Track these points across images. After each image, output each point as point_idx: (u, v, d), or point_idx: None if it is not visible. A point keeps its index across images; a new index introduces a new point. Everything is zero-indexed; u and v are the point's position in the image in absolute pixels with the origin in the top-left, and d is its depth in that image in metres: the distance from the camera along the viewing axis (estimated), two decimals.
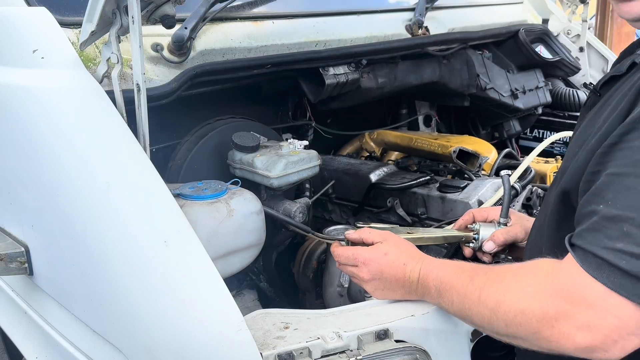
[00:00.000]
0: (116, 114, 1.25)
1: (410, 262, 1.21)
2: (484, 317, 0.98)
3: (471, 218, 1.45)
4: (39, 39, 1.32)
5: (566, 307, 0.85)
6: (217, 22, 1.74)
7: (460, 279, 1.06)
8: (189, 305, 1.09)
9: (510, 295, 0.93)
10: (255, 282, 1.90)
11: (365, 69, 2.11)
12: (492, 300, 0.96)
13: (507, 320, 0.94)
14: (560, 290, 0.87)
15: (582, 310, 0.84)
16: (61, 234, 1.27)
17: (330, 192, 2.10)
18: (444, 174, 2.16)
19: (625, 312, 0.81)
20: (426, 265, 1.18)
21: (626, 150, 0.85)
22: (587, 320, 0.84)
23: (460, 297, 1.04)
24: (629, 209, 0.82)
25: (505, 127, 2.66)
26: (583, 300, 0.84)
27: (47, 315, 1.48)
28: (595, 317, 0.83)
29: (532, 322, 0.90)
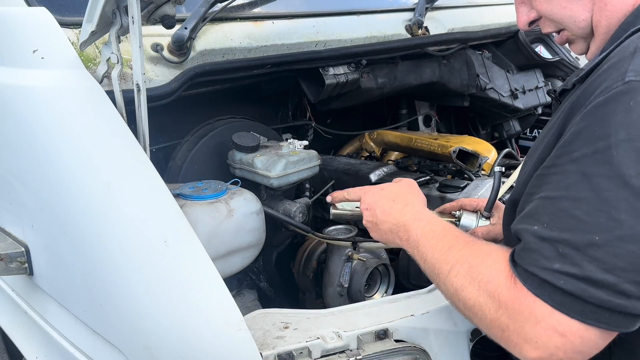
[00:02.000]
0: (116, 114, 1.25)
1: (400, 202, 1.24)
2: (448, 291, 1.03)
3: (459, 205, 1.47)
4: (39, 39, 1.32)
5: (516, 318, 0.89)
6: (217, 22, 1.74)
7: (439, 242, 1.08)
8: (189, 305, 1.09)
9: (474, 285, 0.96)
10: (255, 282, 1.90)
11: (365, 69, 2.11)
12: (459, 281, 0.99)
13: (466, 305, 0.98)
14: (514, 300, 0.90)
15: (530, 325, 0.88)
16: (61, 234, 1.28)
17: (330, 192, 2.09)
18: (444, 174, 2.17)
19: (569, 330, 0.85)
20: (415, 213, 1.20)
21: (559, 175, 0.89)
22: (534, 336, 0.87)
23: (432, 261, 1.07)
24: (563, 231, 0.86)
25: (505, 127, 2.66)
26: (532, 315, 0.87)
27: (47, 315, 1.48)
28: (542, 334, 0.87)
29: (486, 317, 0.94)
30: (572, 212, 0.86)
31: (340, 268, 1.68)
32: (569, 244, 0.85)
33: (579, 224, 0.85)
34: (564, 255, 0.85)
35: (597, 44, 1.08)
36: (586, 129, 0.88)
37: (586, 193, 0.85)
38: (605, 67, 0.93)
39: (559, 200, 0.88)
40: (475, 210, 1.43)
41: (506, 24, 2.57)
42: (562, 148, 0.91)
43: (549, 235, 0.87)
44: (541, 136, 1.11)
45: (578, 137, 0.88)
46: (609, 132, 0.84)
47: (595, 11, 1.05)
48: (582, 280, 0.84)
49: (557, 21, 1.10)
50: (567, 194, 0.87)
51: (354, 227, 1.75)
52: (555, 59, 2.64)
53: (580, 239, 0.84)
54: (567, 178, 0.88)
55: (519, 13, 1.16)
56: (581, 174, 0.86)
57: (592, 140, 0.86)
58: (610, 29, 1.04)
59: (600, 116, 0.87)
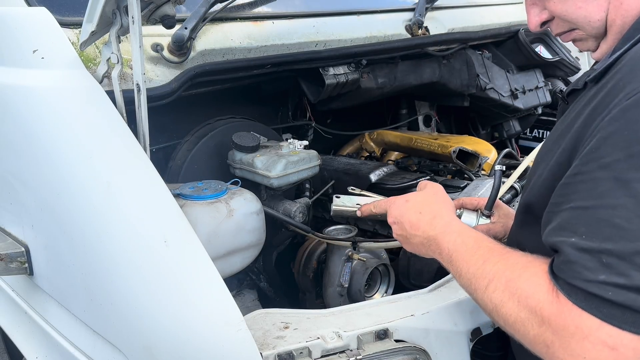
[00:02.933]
0: (116, 114, 1.25)
1: (427, 213, 1.20)
2: (487, 307, 0.99)
3: (460, 204, 1.46)
4: (39, 39, 1.32)
5: (562, 333, 0.86)
6: (217, 22, 1.74)
7: (473, 257, 1.05)
8: (189, 305, 1.09)
9: (513, 301, 0.93)
10: (255, 282, 1.90)
11: (365, 69, 2.11)
12: (497, 297, 0.96)
13: (506, 321, 0.94)
14: (558, 315, 0.86)
15: (577, 340, 0.84)
16: (61, 234, 1.28)
17: (330, 192, 2.09)
18: (444, 174, 2.17)
19: (621, 342, 0.82)
20: (444, 225, 1.16)
21: (589, 183, 0.86)
22: (582, 351, 0.84)
23: (468, 277, 1.04)
24: (604, 240, 0.83)
25: (505, 127, 2.66)
26: (578, 330, 0.84)
27: (47, 315, 1.48)
28: (591, 349, 0.83)
29: (529, 334, 0.90)
30: (611, 220, 0.82)
31: (340, 268, 1.68)
32: (613, 253, 0.82)
33: (620, 232, 0.82)
34: (608, 266, 0.82)
35: (609, 43, 1.06)
36: (615, 133, 0.85)
37: (624, 199, 0.82)
38: (627, 68, 0.91)
39: (594, 209, 0.85)
40: (476, 209, 1.43)
41: (506, 24, 2.56)
42: (588, 155, 0.88)
43: (590, 246, 0.84)
44: (553, 137, 1.09)
45: (606, 142, 0.86)
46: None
47: (611, 10, 1.03)
48: (631, 290, 0.80)
49: (571, 21, 1.08)
50: (602, 202, 0.84)
51: (354, 227, 1.75)
52: (555, 59, 2.64)
53: (624, 247, 0.81)
54: (599, 185, 0.85)
55: (530, 14, 1.14)
56: (615, 180, 0.83)
57: (623, 145, 0.84)
58: (624, 28, 1.03)
59: (630, 119, 0.84)
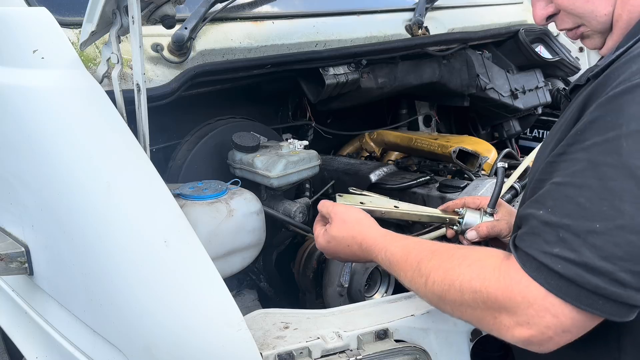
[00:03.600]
0: (116, 114, 1.25)
1: (354, 244, 1.25)
2: (432, 301, 1.06)
3: (462, 203, 1.46)
4: (39, 39, 1.32)
5: (509, 304, 0.91)
6: (217, 22, 1.74)
7: (406, 264, 1.11)
8: (189, 305, 1.09)
9: (455, 288, 0.98)
10: (255, 282, 1.90)
11: (365, 69, 2.10)
12: (439, 288, 1.01)
13: (454, 304, 0.99)
14: (506, 287, 0.91)
15: (523, 308, 0.89)
16: (61, 234, 1.28)
17: (330, 192, 2.09)
18: (444, 174, 2.16)
19: (562, 312, 0.87)
20: (370, 246, 1.22)
21: (568, 162, 0.90)
22: (527, 318, 0.89)
23: (408, 278, 1.10)
24: (565, 216, 0.87)
25: (505, 127, 2.65)
26: (524, 299, 0.89)
27: (47, 315, 1.48)
28: (534, 315, 0.88)
29: (479, 305, 0.95)
30: (576, 198, 0.86)
31: (340, 268, 1.68)
32: (570, 229, 0.86)
33: (581, 211, 0.85)
34: (564, 240, 0.86)
35: (615, 38, 1.06)
36: (599, 118, 0.88)
37: (591, 181, 0.85)
38: (624, 60, 0.92)
39: (564, 186, 0.89)
40: (479, 208, 1.43)
41: (506, 24, 2.56)
42: (574, 136, 0.91)
43: (552, 220, 0.88)
44: (552, 132, 1.10)
45: (591, 126, 0.89)
46: (620, 122, 0.85)
47: (618, 5, 1.03)
48: (579, 265, 0.85)
49: (578, 15, 1.08)
50: (573, 180, 0.88)
51: None
52: (555, 59, 2.64)
53: (581, 225, 0.85)
54: (574, 165, 0.89)
55: (536, 7, 1.13)
56: (588, 162, 0.87)
57: (603, 130, 0.86)
58: (630, 23, 1.03)
59: (615, 106, 0.87)
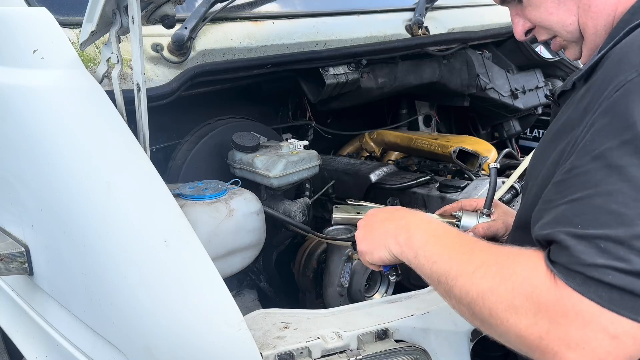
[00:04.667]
0: (116, 114, 1.25)
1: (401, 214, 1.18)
2: (469, 295, 0.92)
3: (458, 207, 1.46)
4: (39, 39, 1.32)
5: (560, 321, 0.81)
6: (217, 22, 1.74)
7: (457, 244, 1.00)
8: (189, 305, 1.09)
9: (506, 286, 0.87)
10: (255, 282, 1.90)
11: (365, 69, 2.11)
12: (486, 283, 0.89)
13: (493, 311, 0.88)
14: (557, 301, 0.82)
15: (577, 327, 0.80)
16: (61, 234, 1.27)
17: (330, 192, 2.10)
18: (444, 174, 2.16)
19: (622, 330, 0.78)
20: (420, 216, 1.16)
21: (583, 175, 0.85)
22: (582, 340, 0.79)
23: (449, 263, 0.97)
24: (601, 227, 0.80)
25: (505, 127, 2.66)
26: (578, 317, 0.79)
27: (47, 315, 1.48)
28: (591, 337, 0.78)
29: (520, 323, 0.85)
30: (607, 207, 0.80)
31: (340, 268, 1.68)
32: (611, 238, 0.78)
33: (618, 218, 0.79)
34: (607, 251, 0.78)
35: (589, 46, 1.09)
36: (607, 125, 0.84)
37: (620, 185, 0.80)
38: (613, 63, 0.91)
39: (588, 198, 0.82)
40: (475, 210, 1.43)
41: (506, 23, 2.56)
42: (582, 149, 0.87)
43: (587, 233, 0.80)
44: (547, 140, 1.08)
45: (599, 134, 0.85)
46: (633, 121, 0.81)
47: (581, 14, 1.07)
48: (631, 274, 0.77)
49: (548, 28, 1.13)
50: (597, 190, 0.82)
51: (354, 227, 1.75)
52: (555, 59, 2.64)
53: (622, 232, 0.78)
54: (594, 176, 0.83)
55: (515, 24, 1.20)
56: (609, 168, 0.81)
57: (615, 134, 0.82)
58: (598, 29, 1.05)
59: (620, 109, 0.84)
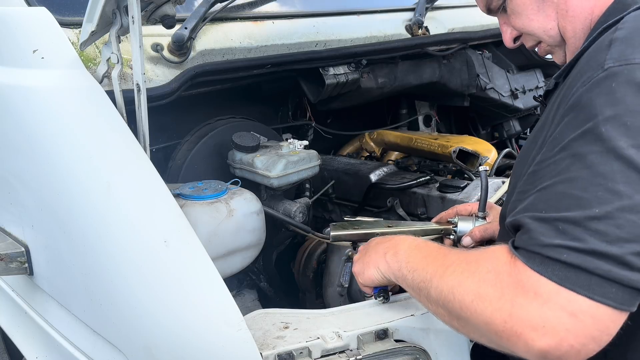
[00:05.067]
0: (116, 114, 1.25)
1: (389, 241, 1.23)
2: (442, 293, 0.97)
3: (454, 213, 1.48)
4: (39, 39, 1.32)
5: (521, 302, 0.85)
6: (217, 22, 1.74)
7: (433, 253, 1.07)
8: (189, 305, 1.09)
9: (472, 279, 0.92)
10: (255, 282, 1.90)
11: (365, 69, 2.11)
12: (455, 278, 0.95)
13: (463, 303, 0.92)
14: (517, 283, 0.86)
15: (536, 306, 0.83)
16: (61, 234, 1.27)
17: (330, 192, 2.10)
18: (444, 174, 2.16)
19: (579, 308, 0.81)
20: (402, 237, 1.21)
21: (551, 166, 0.90)
22: (541, 319, 0.82)
23: (425, 268, 1.04)
24: (561, 210, 0.85)
25: (505, 127, 2.66)
26: (537, 296, 0.83)
27: (47, 315, 1.48)
28: (550, 316, 0.82)
29: (486, 310, 0.88)
30: (568, 192, 0.85)
31: (340, 268, 1.68)
32: (569, 220, 0.83)
33: (576, 201, 0.84)
34: (564, 232, 0.83)
35: (570, 49, 1.14)
36: (573, 118, 0.89)
37: (580, 172, 0.85)
38: (584, 62, 0.96)
39: (553, 185, 0.88)
40: (470, 214, 1.45)
41: None
42: (551, 142, 0.92)
43: (546, 216, 0.86)
44: (530, 139, 1.12)
45: (566, 127, 0.90)
46: (594, 112, 0.86)
47: (560, 19, 1.12)
48: (585, 252, 0.81)
49: (531, 34, 1.18)
50: (560, 178, 0.87)
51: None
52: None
53: (579, 214, 0.83)
54: (559, 165, 0.88)
55: (503, 33, 1.25)
56: (572, 156, 0.86)
57: (579, 124, 0.87)
58: (577, 32, 1.10)
59: (585, 101, 0.88)
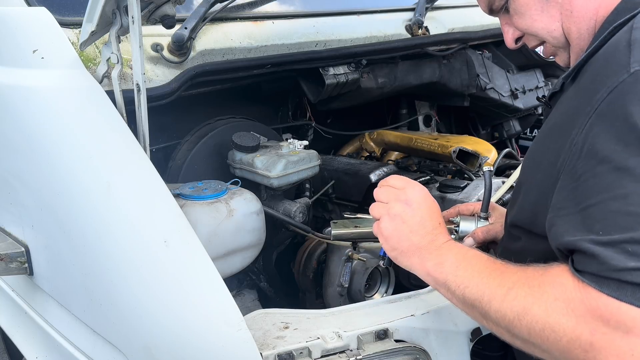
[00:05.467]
0: (116, 114, 1.25)
1: (431, 222, 1.13)
2: (505, 318, 0.91)
3: (456, 212, 1.45)
4: (39, 39, 1.32)
5: (602, 330, 0.79)
6: (217, 22, 1.74)
7: (487, 268, 0.98)
8: (189, 305, 1.09)
9: (539, 306, 0.86)
10: (255, 282, 1.90)
11: (365, 69, 2.11)
12: (520, 304, 0.89)
13: (532, 330, 0.87)
14: (594, 310, 0.80)
15: (620, 335, 0.78)
16: (61, 234, 1.27)
17: (330, 192, 2.10)
18: (444, 174, 2.17)
19: None
20: (448, 240, 1.10)
21: (591, 180, 0.85)
22: (629, 347, 0.77)
23: (480, 287, 0.96)
24: (623, 230, 0.79)
25: (505, 127, 2.66)
26: (620, 324, 0.78)
27: (47, 315, 1.48)
28: (637, 342, 0.77)
29: (561, 340, 0.84)
30: (625, 209, 0.80)
31: (340, 268, 1.68)
32: (636, 240, 0.78)
33: (637, 219, 0.79)
34: (635, 254, 0.78)
35: (575, 50, 1.11)
36: (607, 128, 0.84)
37: (632, 187, 0.80)
38: (601, 63, 0.92)
39: (604, 203, 0.82)
40: (473, 214, 1.43)
41: None
42: (585, 154, 0.86)
43: (610, 239, 0.80)
44: (540, 140, 1.09)
45: (600, 137, 0.85)
46: (633, 122, 0.81)
47: (564, 20, 1.09)
48: None
49: (535, 34, 1.16)
50: (610, 194, 0.82)
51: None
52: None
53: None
54: (603, 180, 0.83)
55: (505, 33, 1.22)
56: (617, 170, 0.81)
57: (617, 135, 0.82)
58: (582, 33, 1.07)
59: (619, 111, 0.84)
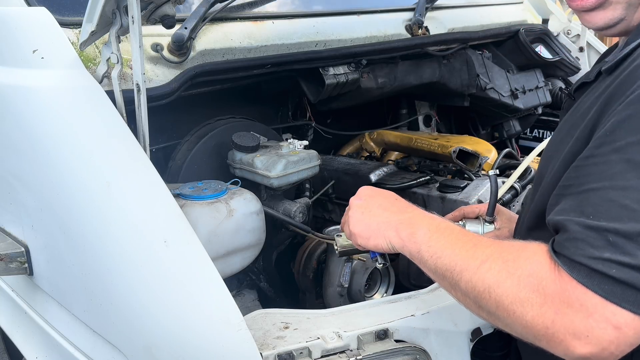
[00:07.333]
0: (116, 114, 1.25)
1: (401, 202, 1.19)
2: (475, 290, 0.93)
3: (461, 214, 1.44)
4: (39, 39, 1.32)
5: (565, 311, 0.83)
6: (217, 22, 1.74)
7: (460, 240, 1.00)
8: (189, 305, 1.09)
9: (512, 280, 0.88)
10: (255, 282, 1.90)
11: (365, 69, 2.11)
12: (492, 276, 0.90)
13: (500, 304, 0.89)
14: (562, 293, 0.84)
15: (581, 318, 0.82)
16: (61, 234, 1.27)
17: (330, 192, 2.10)
18: (444, 174, 2.16)
19: (624, 322, 0.80)
20: (422, 212, 1.13)
21: (601, 165, 0.85)
22: (585, 330, 0.82)
23: (453, 258, 0.98)
24: (612, 220, 0.81)
25: (505, 127, 2.66)
26: (582, 308, 0.82)
27: (47, 315, 1.48)
28: (595, 327, 0.81)
29: (527, 315, 0.86)
30: (621, 201, 0.81)
31: (340, 268, 1.68)
32: (620, 233, 0.80)
33: (630, 213, 0.80)
34: (614, 245, 0.80)
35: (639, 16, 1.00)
36: (630, 117, 0.84)
37: (635, 181, 0.81)
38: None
39: (604, 190, 0.83)
40: (477, 217, 1.42)
41: (506, 23, 2.56)
42: (602, 138, 0.87)
43: (597, 224, 0.82)
44: (562, 132, 1.07)
45: (620, 126, 0.85)
46: None
47: None
48: (635, 269, 0.79)
49: None
50: (613, 183, 0.83)
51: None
52: (555, 59, 2.64)
53: (632, 227, 0.80)
54: (611, 168, 0.84)
55: None
56: (627, 162, 0.82)
57: (637, 129, 0.83)
58: None
59: None
